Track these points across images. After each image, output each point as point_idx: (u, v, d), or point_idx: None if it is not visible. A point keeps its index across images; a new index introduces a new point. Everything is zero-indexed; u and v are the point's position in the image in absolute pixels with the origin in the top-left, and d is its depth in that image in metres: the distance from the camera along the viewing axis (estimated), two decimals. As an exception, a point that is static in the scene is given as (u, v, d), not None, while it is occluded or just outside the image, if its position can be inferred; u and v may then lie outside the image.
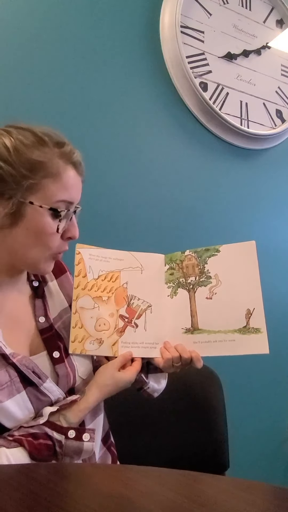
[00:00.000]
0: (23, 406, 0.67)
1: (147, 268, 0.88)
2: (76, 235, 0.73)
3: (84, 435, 0.68)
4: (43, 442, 0.65)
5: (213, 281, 0.84)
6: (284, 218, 1.72)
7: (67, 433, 0.67)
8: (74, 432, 0.67)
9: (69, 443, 0.66)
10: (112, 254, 0.87)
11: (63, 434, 0.66)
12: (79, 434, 0.68)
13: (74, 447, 0.66)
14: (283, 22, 1.76)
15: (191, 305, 0.84)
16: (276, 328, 1.63)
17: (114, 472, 0.60)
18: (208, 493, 0.52)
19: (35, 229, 0.68)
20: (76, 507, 0.45)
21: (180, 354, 0.79)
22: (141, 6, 1.43)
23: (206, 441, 1.02)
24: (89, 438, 0.68)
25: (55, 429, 0.66)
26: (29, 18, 1.23)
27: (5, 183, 0.66)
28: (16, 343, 0.71)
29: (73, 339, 0.78)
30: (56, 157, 0.69)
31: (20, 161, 0.66)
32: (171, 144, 1.46)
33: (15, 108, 1.18)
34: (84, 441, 0.67)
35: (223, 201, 1.57)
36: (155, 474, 0.57)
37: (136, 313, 0.84)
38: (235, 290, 0.82)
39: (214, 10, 1.57)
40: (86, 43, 1.32)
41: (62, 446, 0.66)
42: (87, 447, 0.67)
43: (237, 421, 1.13)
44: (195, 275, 0.86)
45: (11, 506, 0.45)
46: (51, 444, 0.65)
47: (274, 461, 1.65)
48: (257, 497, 0.53)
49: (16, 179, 0.66)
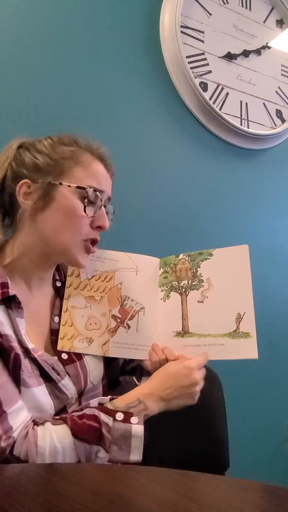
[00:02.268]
0: (47, 398, 0.68)
1: (142, 270, 0.88)
2: (105, 224, 0.76)
3: (132, 418, 0.66)
4: (87, 423, 0.64)
5: (205, 284, 0.84)
6: (285, 218, 1.72)
7: (115, 415, 0.65)
8: (122, 414, 0.66)
9: (117, 425, 0.65)
10: (108, 255, 0.87)
11: (111, 416, 0.65)
12: (127, 417, 0.66)
13: (122, 429, 0.65)
14: (283, 22, 1.76)
15: (182, 309, 0.84)
16: (276, 328, 1.64)
17: (114, 472, 0.60)
18: (208, 493, 0.52)
19: (64, 209, 0.72)
20: (76, 507, 0.45)
21: (166, 357, 0.79)
22: (141, 6, 1.43)
23: (206, 441, 1.02)
24: (137, 421, 0.66)
25: (103, 411, 0.66)
26: (29, 18, 1.23)
27: (40, 171, 0.73)
28: (34, 340, 0.73)
29: (62, 336, 0.78)
30: (85, 151, 0.76)
31: (55, 152, 0.74)
32: (170, 144, 1.46)
33: (15, 108, 1.18)
34: (132, 423, 0.65)
35: (223, 201, 1.57)
36: (155, 474, 0.57)
37: (129, 314, 0.84)
38: (227, 294, 0.82)
39: (214, 10, 1.57)
40: (86, 43, 1.32)
41: (110, 430, 0.64)
42: (135, 430, 0.65)
43: (237, 421, 1.13)
44: (187, 279, 0.85)
45: (11, 506, 0.45)
46: (96, 426, 0.64)
47: (274, 461, 1.64)
48: (257, 497, 0.53)
49: (49, 166, 0.73)
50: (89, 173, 0.75)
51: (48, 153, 0.74)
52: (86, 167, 0.75)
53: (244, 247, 0.85)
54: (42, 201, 0.72)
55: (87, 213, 0.73)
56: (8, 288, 0.69)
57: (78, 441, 0.63)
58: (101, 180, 0.76)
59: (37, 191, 0.73)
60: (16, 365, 0.65)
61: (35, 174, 0.73)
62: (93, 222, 0.75)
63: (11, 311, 0.69)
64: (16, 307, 0.70)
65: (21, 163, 0.75)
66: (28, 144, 0.77)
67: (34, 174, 0.73)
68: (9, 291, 0.69)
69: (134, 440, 0.65)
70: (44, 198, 0.72)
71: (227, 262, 0.85)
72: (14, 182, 0.74)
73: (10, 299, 0.70)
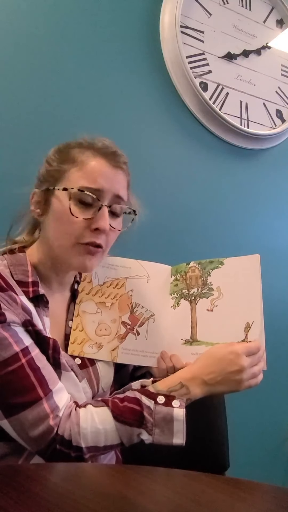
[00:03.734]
0: (83, 384, 0.71)
1: (153, 278, 0.88)
2: (102, 225, 0.71)
3: (174, 402, 0.65)
4: (128, 405, 0.64)
5: (215, 293, 0.83)
6: (285, 218, 1.71)
7: (156, 398, 0.65)
8: (163, 398, 0.66)
9: (158, 408, 0.64)
10: (120, 262, 0.88)
11: (152, 399, 0.65)
12: (168, 400, 0.66)
13: (164, 413, 0.64)
14: (283, 22, 1.76)
15: (191, 317, 0.83)
16: (277, 328, 1.63)
17: (114, 472, 0.60)
18: (208, 493, 0.52)
19: (59, 214, 0.72)
20: (76, 507, 0.45)
21: (174, 364, 0.79)
22: (141, 6, 1.43)
23: (206, 441, 1.02)
24: (179, 405, 0.65)
25: (145, 394, 0.66)
26: (29, 18, 1.23)
27: (42, 178, 0.76)
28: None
29: (72, 341, 0.79)
30: (85, 150, 0.74)
31: (56, 157, 0.75)
32: (170, 144, 1.46)
33: (15, 108, 1.18)
34: (174, 407, 0.65)
35: (223, 201, 1.56)
36: (155, 474, 0.57)
37: (139, 321, 0.84)
38: (236, 303, 0.81)
39: (214, 10, 1.57)
40: (86, 43, 1.32)
41: (152, 413, 0.64)
42: (177, 414, 0.65)
43: (237, 421, 1.13)
44: (197, 287, 0.85)
45: (11, 506, 0.45)
46: (137, 409, 0.64)
47: (274, 461, 1.65)
48: (257, 497, 0.53)
49: (48, 173, 0.75)
50: (84, 174, 0.71)
51: (50, 160, 0.76)
52: (82, 167, 0.72)
53: (255, 257, 0.82)
54: (42, 208, 0.75)
55: (76, 215, 0.70)
56: (38, 286, 0.72)
57: (120, 423, 0.63)
58: (98, 178, 0.72)
59: (39, 199, 0.76)
60: (55, 350, 0.68)
61: (39, 183, 0.77)
62: (90, 225, 0.71)
63: (38, 309, 0.71)
64: (43, 306, 0.72)
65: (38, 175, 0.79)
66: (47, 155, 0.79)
67: (39, 183, 0.77)
68: (39, 289, 0.71)
69: (176, 423, 0.65)
70: (44, 204, 0.75)
71: (238, 271, 0.83)
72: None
73: (39, 297, 0.72)
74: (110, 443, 0.64)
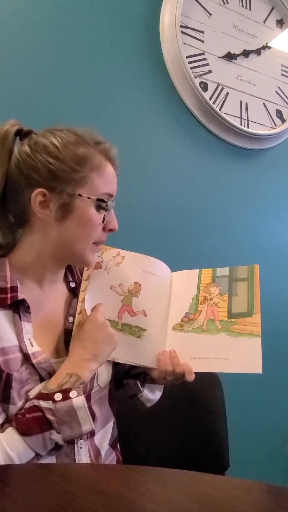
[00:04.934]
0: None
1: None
2: (116, 226, 0.78)
3: (71, 393, 0.65)
4: (30, 416, 0.63)
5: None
6: (285, 218, 1.71)
7: (54, 397, 0.64)
8: (60, 394, 0.65)
9: (58, 406, 0.64)
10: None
11: (50, 400, 0.64)
12: (65, 394, 0.65)
13: (65, 407, 0.64)
14: (283, 22, 1.76)
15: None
16: (276, 328, 1.64)
17: (114, 472, 0.60)
18: (208, 493, 0.52)
19: (83, 221, 0.73)
20: (76, 507, 0.45)
21: (174, 368, 0.79)
22: (141, 6, 1.43)
23: (206, 441, 1.02)
24: (76, 394, 0.65)
25: (41, 398, 0.65)
26: (29, 18, 1.23)
27: (57, 179, 0.71)
28: (44, 340, 0.73)
29: (77, 324, 0.78)
30: (97, 153, 0.75)
31: (69, 156, 0.72)
32: (170, 144, 1.46)
33: (15, 108, 1.18)
34: (72, 397, 0.64)
35: (223, 201, 1.57)
36: (155, 474, 0.57)
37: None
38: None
39: (214, 10, 1.57)
40: (86, 43, 1.32)
41: (53, 413, 0.63)
42: (77, 403, 0.64)
43: (237, 421, 1.13)
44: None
45: (11, 506, 0.45)
46: (40, 415, 0.63)
47: (274, 461, 1.65)
48: (257, 497, 0.54)
49: (66, 173, 0.71)
50: (103, 179, 0.75)
51: (63, 158, 0.71)
52: (101, 173, 0.74)
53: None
54: (61, 212, 0.72)
55: (104, 221, 0.75)
56: (17, 292, 0.69)
57: (28, 437, 0.62)
58: (113, 186, 0.77)
59: (54, 201, 0.71)
60: (7, 385, 0.65)
61: (51, 182, 0.71)
62: (105, 226, 0.77)
63: (17, 316, 0.69)
64: (24, 311, 0.70)
65: (32, 167, 0.71)
66: (33, 142, 0.73)
67: (50, 182, 0.71)
68: (18, 295, 0.69)
69: (80, 412, 0.64)
70: (63, 209, 0.72)
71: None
72: (27, 188, 0.72)
73: (19, 303, 0.70)
74: (26, 460, 0.63)
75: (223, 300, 0.84)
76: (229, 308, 0.83)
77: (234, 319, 0.82)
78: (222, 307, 0.84)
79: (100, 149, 0.76)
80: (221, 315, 0.83)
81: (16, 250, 0.76)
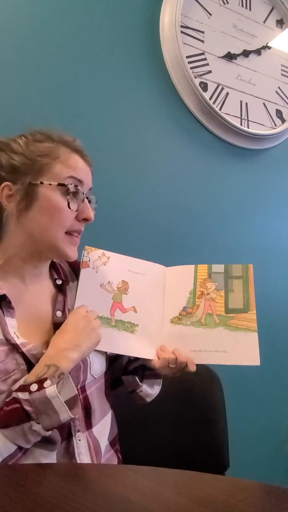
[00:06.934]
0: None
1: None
2: (91, 215, 0.78)
3: (45, 383, 0.64)
4: (8, 408, 0.63)
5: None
6: (284, 218, 1.72)
7: (29, 388, 0.64)
8: (36, 385, 0.64)
9: (33, 397, 0.63)
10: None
11: (26, 391, 0.64)
12: (40, 384, 0.64)
13: (39, 398, 0.63)
14: (283, 22, 1.76)
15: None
16: (276, 328, 1.64)
17: (114, 472, 0.60)
18: (208, 493, 0.52)
19: (47, 207, 0.74)
20: (76, 507, 0.45)
21: (177, 357, 0.80)
22: (141, 6, 1.43)
23: (206, 441, 1.02)
24: (50, 383, 0.64)
25: (19, 390, 0.65)
26: (29, 18, 1.23)
27: (18, 171, 0.74)
28: (31, 335, 0.73)
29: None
30: (62, 146, 0.77)
31: (30, 150, 0.75)
32: (170, 144, 1.46)
33: (14, 108, 1.18)
34: (45, 387, 0.63)
35: (223, 201, 1.57)
36: (155, 474, 0.57)
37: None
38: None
39: (214, 10, 1.57)
40: (86, 43, 1.32)
41: (30, 403, 0.63)
42: (50, 392, 0.63)
43: (237, 421, 1.13)
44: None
45: (11, 506, 0.45)
46: (17, 407, 0.63)
47: (274, 461, 1.65)
48: (257, 497, 0.54)
49: (26, 166, 0.74)
50: (67, 167, 0.76)
51: (23, 152, 0.75)
52: (64, 161, 0.76)
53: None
54: (24, 202, 0.74)
55: (71, 208, 0.75)
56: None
57: (7, 430, 0.62)
58: (80, 172, 0.77)
59: (18, 193, 0.74)
60: None
61: (14, 175, 0.74)
62: (78, 215, 0.77)
63: (0, 311, 0.70)
64: (6, 306, 0.71)
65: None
66: (2, 144, 0.77)
67: (13, 175, 0.74)
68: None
69: (54, 401, 0.63)
70: (26, 199, 0.74)
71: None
72: None
73: (0, 298, 0.71)
74: (7, 454, 0.63)
75: (220, 295, 0.87)
76: (226, 303, 0.86)
77: (231, 314, 0.85)
78: (219, 302, 0.86)
79: (65, 143, 0.78)
80: (218, 309, 0.86)
81: None
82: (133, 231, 1.36)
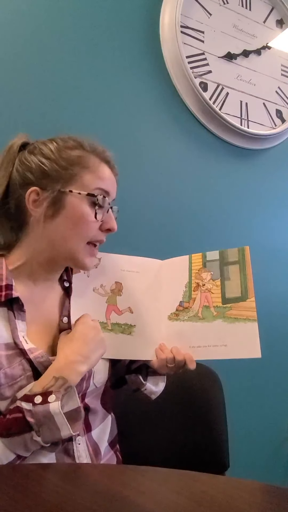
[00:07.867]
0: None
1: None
2: (114, 226, 0.78)
3: (49, 397, 0.64)
4: (11, 417, 0.63)
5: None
6: (284, 218, 1.72)
7: (34, 399, 0.64)
8: (40, 397, 0.64)
9: (36, 409, 0.63)
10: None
11: (30, 402, 0.64)
12: (45, 397, 0.64)
13: (42, 411, 0.63)
14: (283, 22, 1.76)
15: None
16: (276, 327, 1.64)
17: (114, 472, 0.60)
18: (208, 493, 0.52)
19: (74, 217, 0.74)
20: (76, 507, 0.45)
21: (174, 356, 0.80)
22: (141, 6, 1.43)
23: (206, 441, 1.02)
24: (54, 399, 0.63)
25: (23, 399, 0.65)
26: (28, 18, 1.23)
27: (49, 177, 0.74)
28: (38, 338, 0.73)
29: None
30: (92, 155, 0.77)
31: (61, 157, 0.74)
32: (170, 144, 1.46)
33: (15, 107, 1.18)
34: (49, 402, 0.63)
35: (222, 201, 1.57)
36: (155, 474, 0.57)
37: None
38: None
39: (214, 10, 1.57)
40: (86, 43, 1.32)
41: (33, 415, 0.63)
42: (53, 408, 0.63)
43: (237, 421, 1.13)
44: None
45: (11, 506, 0.45)
46: (20, 416, 0.63)
47: (274, 461, 1.65)
48: (257, 497, 0.53)
49: (57, 172, 0.74)
50: (96, 178, 0.76)
51: (55, 159, 0.74)
52: (94, 171, 0.76)
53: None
54: (52, 209, 0.73)
55: (98, 218, 0.75)
56: (12, 290, 0.70)
57: (8, 439, 0.62)
58: (108, 183, 0.77)
59: (46, 199, 0.73)
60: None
61: (43, 181, 0.74)
62: (102, 225, 0.77)
63: (11, 313, 0.70)
64: (18, 309, 0.71)
65: (28, 168, 0.74)
66: (32, 147, 0.77)
67: (42, 181, 0.74)
68: (12, 293, 0.70)
69: (57, 418, 0.63)
70: (54, 206, 0.73)
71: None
72: (22, 188, 0.74)
73: (13, 301, 0.70)
74: (6, 461, 0.62)
75: (216, 285, 0.84)
76: (223, 293, 0.83)
77: (229, 304, 0.81)
78: (216, 293, 0.83)
79: (96, 153, 0.77)
80: (215, 301, 0.83)
81: (14, 250, 0.77)
82: (133, 231, 1.36)
